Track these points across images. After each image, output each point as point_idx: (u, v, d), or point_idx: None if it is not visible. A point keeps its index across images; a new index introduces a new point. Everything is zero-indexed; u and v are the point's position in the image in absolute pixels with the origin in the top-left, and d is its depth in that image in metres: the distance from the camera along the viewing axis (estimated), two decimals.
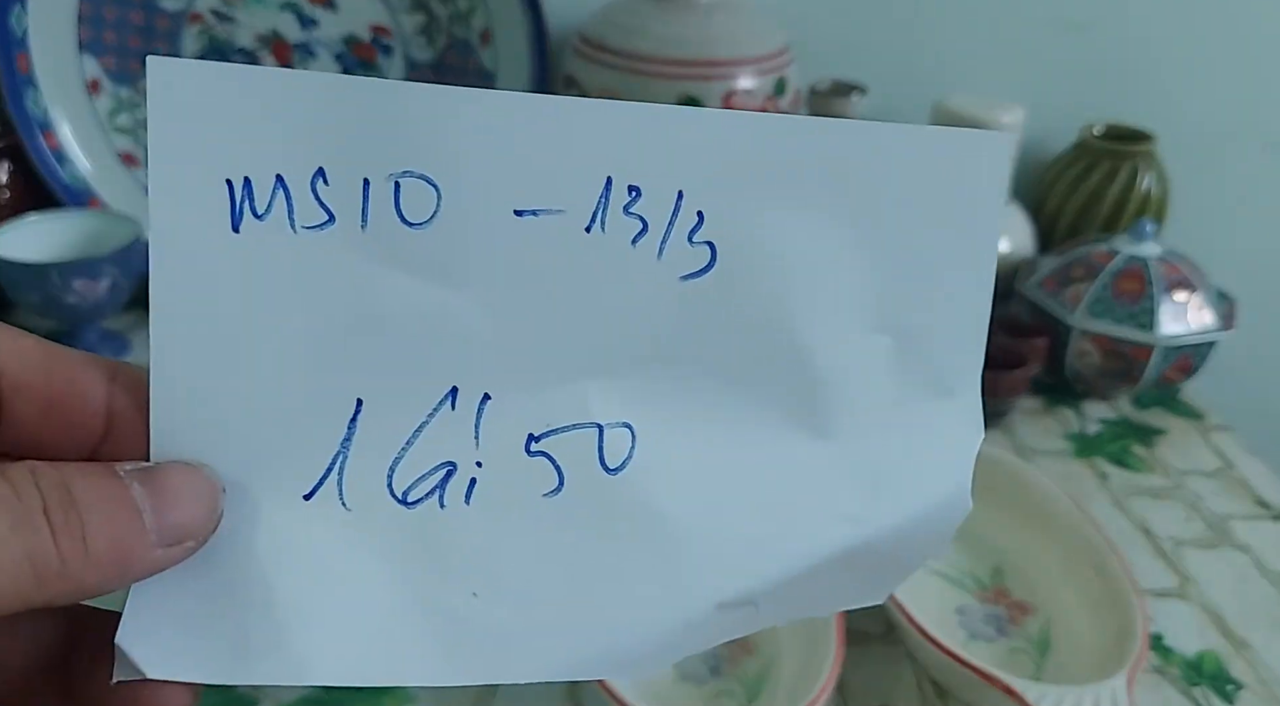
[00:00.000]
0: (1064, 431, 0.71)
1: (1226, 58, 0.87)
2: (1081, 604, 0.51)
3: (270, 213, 0.17)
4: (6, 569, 0.14)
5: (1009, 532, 0.56)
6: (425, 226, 0.17)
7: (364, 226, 0.17)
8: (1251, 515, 0.63)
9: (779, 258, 0.18)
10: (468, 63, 0.78)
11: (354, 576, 0.17)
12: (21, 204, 0.73)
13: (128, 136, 0.78)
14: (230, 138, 0.16)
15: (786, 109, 0.71)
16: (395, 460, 0.18)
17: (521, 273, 0.18)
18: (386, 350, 0.17)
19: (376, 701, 0.46)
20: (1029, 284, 0.74)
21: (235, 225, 0.17)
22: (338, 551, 0.17)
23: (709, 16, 0.70)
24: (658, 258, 0.18)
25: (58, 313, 0.68)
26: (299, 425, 0.17)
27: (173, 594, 0.17)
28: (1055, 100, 0.85)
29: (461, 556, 0.18)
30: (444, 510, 0.18)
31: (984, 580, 0.55)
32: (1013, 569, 0.55)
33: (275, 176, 0.17)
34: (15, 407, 0.16)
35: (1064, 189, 0.83)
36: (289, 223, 0.17)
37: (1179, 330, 0.68)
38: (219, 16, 0.75)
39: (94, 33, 0.75)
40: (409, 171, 0.17)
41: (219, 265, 0.17)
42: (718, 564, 0.18)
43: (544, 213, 0.18)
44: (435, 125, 0.17)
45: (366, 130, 0.17)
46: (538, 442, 0.18)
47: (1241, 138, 0.90)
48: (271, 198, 0.17)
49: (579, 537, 0.18)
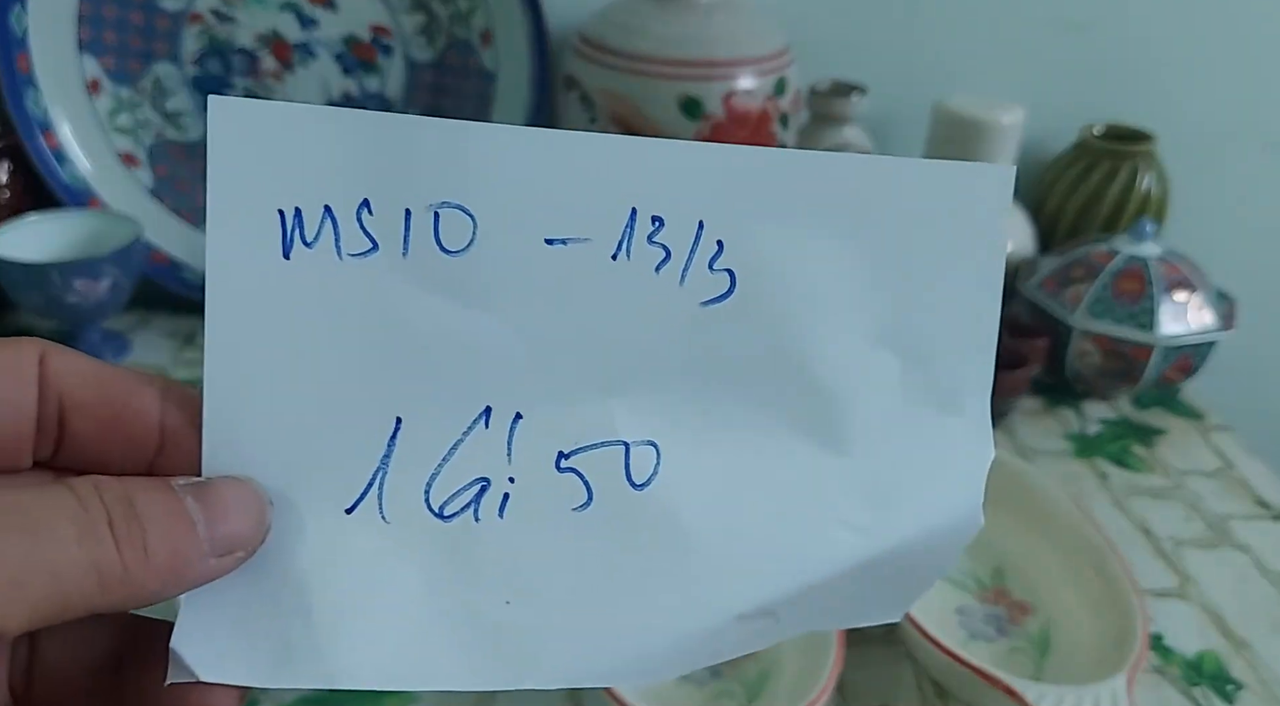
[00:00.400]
0: (1064, 431, 0.71)
1: (1226, 58, 0.87)
2: (1082, 604, 0.51)
3: (319, 241, 0.18)
4: (74, 577, 0.15)
5: (1010, 533, 0.56)
6: (462, 254, 0.18)
7: (405, 254, 0.18)
8: (1251, 515, 0.63)
9: (794, 284, 0.19)
10: (468, 63, 0.78)
11: (391, 585, 0.18)
12: (22, 204, 0.73)
13: (128, 136, 0.78)
14: (282, 171, 0.17)
15: (786, 109, 0.71)
16: (432, 476, 0.19)
17: (552, 298, 0.19)
18: (425, 371, 0.18)
19: (377, 701, 0.46)
20: (1029, 284, 0.74)
21: (286, 252, 0.18)
22: (377, 562, 0.18)
23: (709, 17, 0.69)
24: (680, 284, 0.19)
25: (58, 313, 0.68)
26: (342, 442, 0.18)
27: (223, 601, 0.17)
28: (1055, 100, 0.85)
29: (495, 567, 0.19)
30: (479, 523, 0.19)
31: (984, 580, 0.55)
32: (1013, 569, 0.55)
33: (324, 207, 0.18)
34: (75, 425, 0.17)
35: (1064, 189, 0.83)
36: (336, 250, 0.18)
37: (1179, 330, 0.68)
38: (219, 16, 0.75)
39: (94, 32, 0.75)
40: (447, 202, 0.18)
41: (270, 290, 0.18)
42: (738, 576, 0.19)
43: (573, 241, 0.19)
44: (472, 159, 0.18)
45: (408, 164, 0.18)
46: (567, 460, 0.19)
47: (1242, 138, 0.90)
48: (320, 227, 0.18)
49: (606, 550, 0.19)
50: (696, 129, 0.68)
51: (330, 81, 0.78)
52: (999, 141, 0.76)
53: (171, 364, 0.72)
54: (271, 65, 0.77)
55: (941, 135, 0.78)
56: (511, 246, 0.18)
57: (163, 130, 0.78)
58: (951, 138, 0.77)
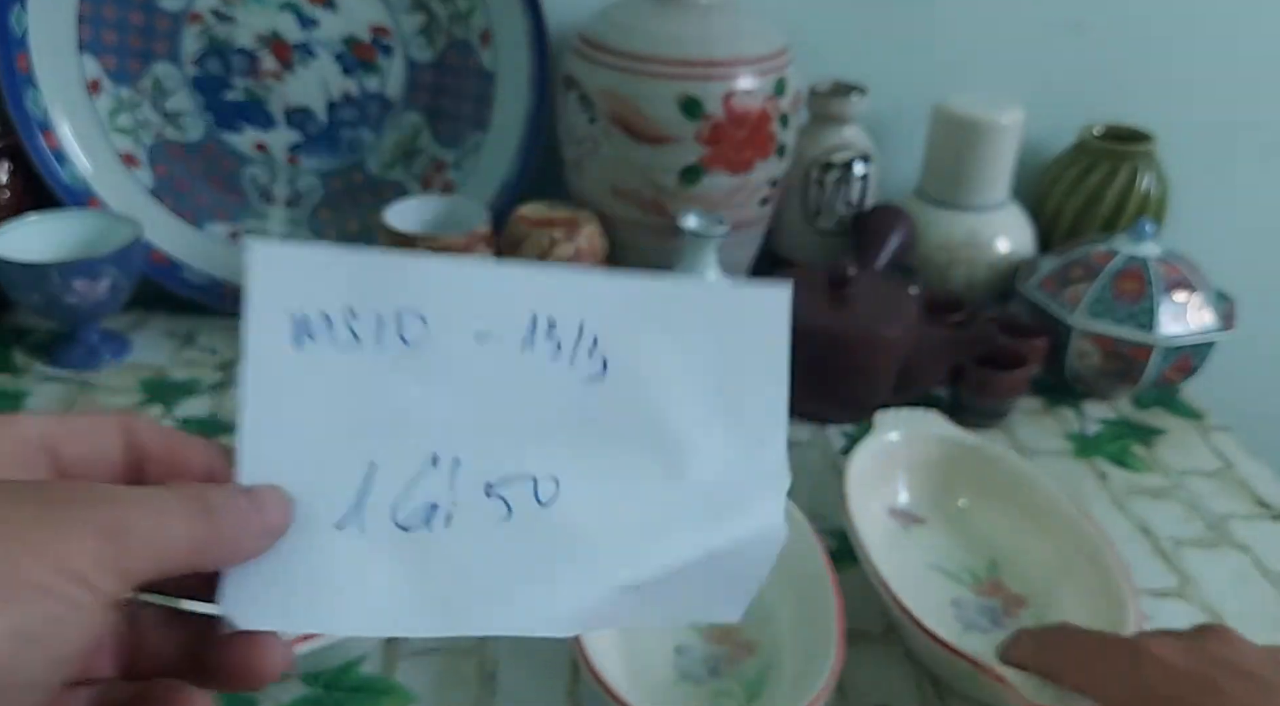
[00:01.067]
0: (1064, 431, 0.71)
1: (1226, 58, 0.87)
2: (1076, 597, 0.51)
3: (318, 337, 0.26)
4: (179, 545, 0.24)
5: (1005, 527, 0.56)
6: (418, 346, 0.27)
7: (378, 345, 0.27)
8: (1251, 515, 0.63)
9: (647, 368, 0.29)
10: (468, 62, 0.78)
11: (369, 572, 0.26)
12: (21, 204, 0.73)
13: (127, 136, 0.78)
14: (296, 289, 0.26)
15: (786, 109, 0.71)
16: (396, 501, 0.27)
17: (481, 377, 0.27)
18: (391, 428, 0.27)
19: (375, 701, 0.46)
20: (1029, 284, 0.74)
21: (296, 344, 0.26)
22: (358, 558, 0.26)
23: (709, 17, 0.70)
24: (569, 367, 0.28)
25: (58, 312, 0.68)
26: (333, 478, 0.26)
27: (254, 575, 0.25)
28: (1055, 100, 0.85)
29: (442, 560, 0.27)
30: (430, 533, 0.27)
31: (979, 573, 0.55)
32: (1008, 563, 0.55)
33: (323, 314, 0.26)
34: (149, 472, 0.27)
35: (1064, 189, 0.83)
36: (330, 343, 0.26)
37: (1178, 330, 0.69)
38: (219, 16, 0.75)
39: (94, 32, 0.75)
40: (408, 310, 0.27)
41: (284, 369, 0.26)
42: (616, 560, 0.28)
43: (493, 337, 0.28)
44: (426, 281, 0.27)
45: (382, 284, 0.27)
46: (494, 488, 0.27)
47: (1241, 138, 0.90)
48: (320, 327, 0.26)
49: (524, 547, 0.27)
50: (697, 129, 0.68)
51: (330, 81, 0.78)
52: (999, 141, 0.76)
53: (170, 362, 0.72)
54: (271, 65, 0.77)
55: (941, 135, 0.78)
56: (453, 341, 0.27)
57: (162, 130, 0.78)
58: (951, 138, 0.77)
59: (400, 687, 0.47)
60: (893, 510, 0.59)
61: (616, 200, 0.72)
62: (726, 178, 0.71)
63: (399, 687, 0.47)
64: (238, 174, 0.80)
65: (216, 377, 0.71)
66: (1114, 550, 0.52)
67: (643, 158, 0.70)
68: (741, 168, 0.71)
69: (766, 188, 0.74)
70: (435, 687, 0.47)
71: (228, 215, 0.80)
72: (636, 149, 0.69)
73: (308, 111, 0.79)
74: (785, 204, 0.80)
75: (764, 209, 0.75)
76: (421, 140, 0.80)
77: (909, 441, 0.59)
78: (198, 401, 0.68)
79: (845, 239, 0.81)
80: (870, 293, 0.69)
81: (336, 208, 0.81)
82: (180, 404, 0.68)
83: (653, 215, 0.72)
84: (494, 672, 0.48)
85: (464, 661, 0.49)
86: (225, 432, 0.65)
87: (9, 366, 0.71)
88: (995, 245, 0.78)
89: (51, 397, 0.68)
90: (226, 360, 0.73)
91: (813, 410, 0.69)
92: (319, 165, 0.80)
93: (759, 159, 0.71)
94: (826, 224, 0.81)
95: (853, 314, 0.67)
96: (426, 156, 0.81)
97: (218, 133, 0.79)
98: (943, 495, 0.59)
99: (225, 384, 0.70)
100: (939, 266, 0.78)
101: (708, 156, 0.69)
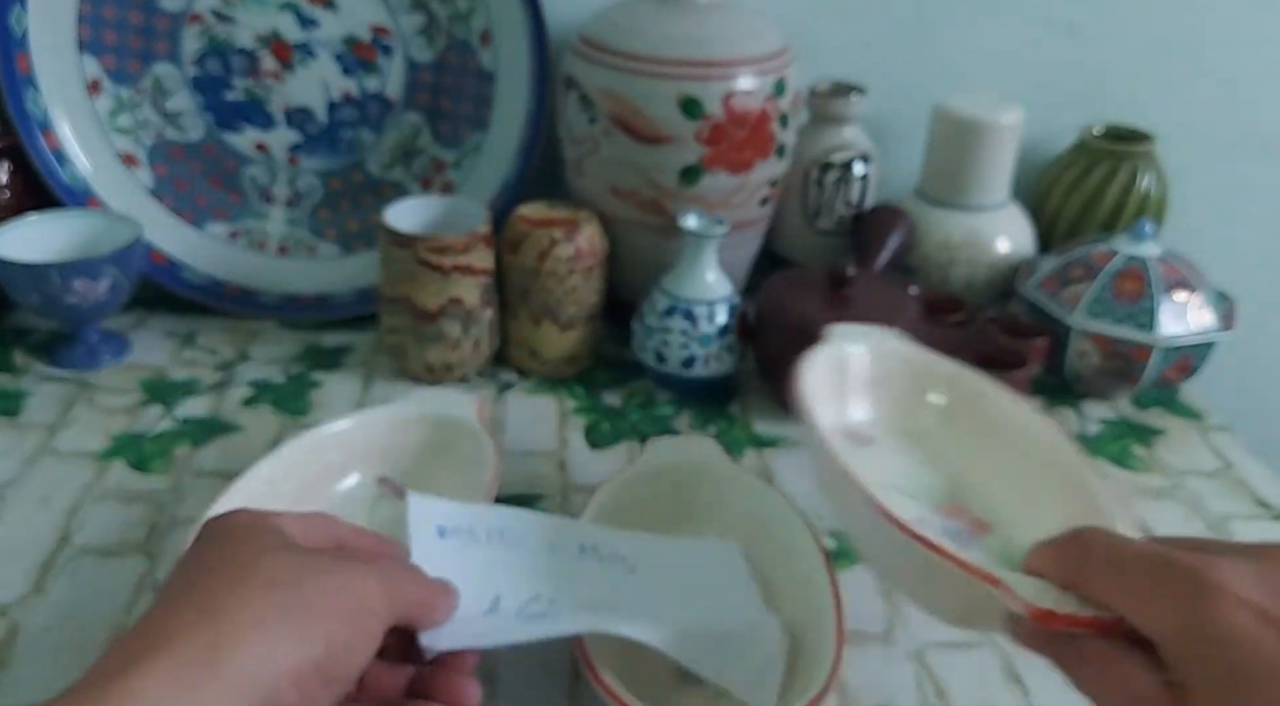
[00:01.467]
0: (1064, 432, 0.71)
1: (1225, 58, 0.87)
2: (1054, 520, 0.43)
3: (450, 535, 0.44)
4: (414, 601, 0.37)
5: (969, 449, 0.52)
6: (510, 543, 0.46)
7: (487, 541, 0.45)
8: (1251, 515, 0.63)
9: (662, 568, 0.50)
10: (468, 63, 0.78)
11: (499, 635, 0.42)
12: (21, 204, 0.74)
13: (128, 137, 0.78)
14: (435, 515, 0.44)
15: (786, 109, 0.71)
16: (518, 609, 0.42)
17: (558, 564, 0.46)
18: (508, 576, 0.44)
19: None
20: (1029, 284, 0.74)
21: (441, 536, 0.44)
22: (495, 626, 0.41)
23: (709, 17, 0.70)
24: (610, 565, 0.48)
25: (58, 312, 0.68)
26: (475, 599, 0.41)
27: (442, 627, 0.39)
28: (1055, 101, 0.85)
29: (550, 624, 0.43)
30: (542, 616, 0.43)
31: (938, 494, 0.50)
32: (971, 486, 0.50)
33: (451, 526, 0.44)
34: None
35: (1064, 189, 0.83)
36: (457, 538, 0.44)
37: (1178, 330, 0.69)
38: (219, 17, 0.76)
39: (94, 32, 0.75)
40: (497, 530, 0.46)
41: (436, 549, 0.42)
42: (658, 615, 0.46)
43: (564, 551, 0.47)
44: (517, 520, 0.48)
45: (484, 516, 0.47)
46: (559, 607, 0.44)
47: (1241, 138, 0.90)
48: (454, 531, 0.44)
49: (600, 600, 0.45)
50: (696, 129, 0.68)
51: (330, 82, 0.78)
52: (999, 141, 0.76)
53: (170, 362, 0.72)
54: (271, 65, 0.77)
55: (941, 135, 0.78)
56: (538, 549, 0.47)
57: (162, 130, 0.78)
58: (951, 138, 0.77)
59: None
60: (847, 428, 0.53)
61: (616, 200, 0.72)
62: (726, 178, 0.71)
63: None
64: (238, 174, 0.80)
65: (216, 378, 0.71)
66: (1096, 470, 0.47)
67: (643, 158, 0.70)
68: (741, 168, 0.71)
69: (766, 188, 0.74)
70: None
71: (228, 215, 0.80)
72: (636, 149, 0.69)
73: (308, 111, 0.79)
74: (785, 204, 0.80)
75: (764, 209, 0.75)
76: (421, 140, 0.80)
77: (867, 356, 0.54)
78: (197, 401, 0.68)
79: (845, 239, 0.81)
80: (870, 293, 0.69)
81: (336, 208, 0.81)
82: (180, 404, 0.68)
83: (653, 215, 0.72)
84: (495, 672, 0.48)
85: None
86: (223, 432, 0.65)
87: (9, 366, 0.71)
88: (995, 245, 0.78)
89: (51, 398, 0.68)
90: (226, 360, 0.73)
91: None
92: (319, 165, 0.80)
93: (759, 159, 0.71)
94: (826, 224, 0.81)
95: (852, 314, 0.67)
96: (426, 156, 0.81)
97: (218, 133, 0.79)
98: (901, 414, 0.54)
99: (225, 384, 0.70)
100: (939, 266, 0.78)
101: (708, 156, 0.69)
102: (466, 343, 0.70)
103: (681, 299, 0.68)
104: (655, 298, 0.69)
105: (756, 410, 0.71)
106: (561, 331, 0.71)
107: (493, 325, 0.72)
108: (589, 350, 0.74)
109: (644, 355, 0.70)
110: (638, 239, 0.74)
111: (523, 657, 0.49)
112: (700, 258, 0.68)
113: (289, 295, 0.79)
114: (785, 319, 0.67)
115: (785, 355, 0.67)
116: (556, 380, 0.73)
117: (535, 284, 0.69)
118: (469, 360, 0.71)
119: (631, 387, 0.73)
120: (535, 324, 0.71)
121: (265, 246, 0.81)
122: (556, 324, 0.71)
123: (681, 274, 0.68)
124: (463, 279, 0.67)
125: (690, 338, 0.68)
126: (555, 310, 0.70)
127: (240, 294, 0.79)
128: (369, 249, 0.80)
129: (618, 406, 0.70)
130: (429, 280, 0.67)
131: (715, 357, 0.69)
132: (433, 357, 0.69)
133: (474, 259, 0.67)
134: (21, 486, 0.59)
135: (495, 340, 0.72)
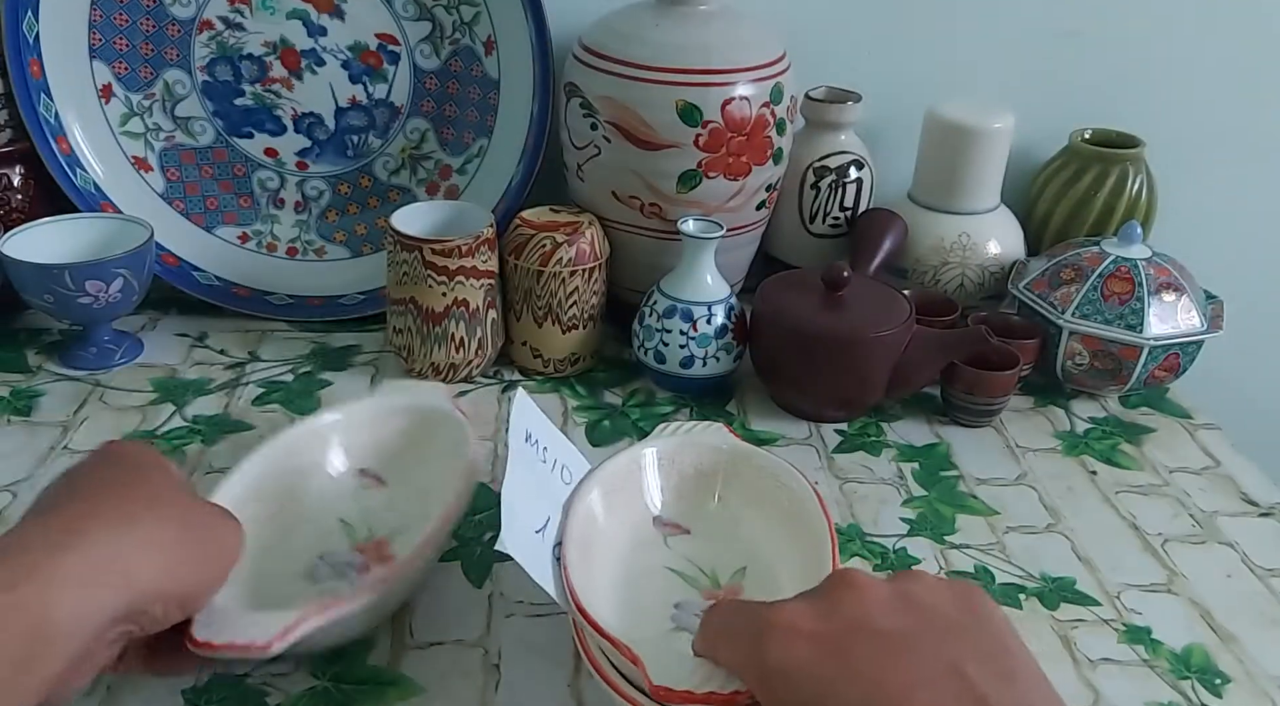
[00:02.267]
0: (1054, 430, 0.72)
1: (1214, 64, 0.88)
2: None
3: (532, 445, 0.49)
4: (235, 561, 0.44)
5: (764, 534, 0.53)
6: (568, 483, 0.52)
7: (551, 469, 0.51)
8: (1238, 512, 0.65)
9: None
10: (472, 70, 0.79)
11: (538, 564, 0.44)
12: (35, 208, 0.75)
13: (139, 141, 0.79)
14: (530, 421, 0.50)
15: (783, 115, 0.73)
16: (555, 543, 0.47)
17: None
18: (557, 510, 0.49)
19: (382, 693, 0.47)
20: (1020, 285, 0.76)
21: (526, 441, 0.48)
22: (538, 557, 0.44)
23: (707, 25, 0.71)
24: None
25: (71, 313, 0.69)
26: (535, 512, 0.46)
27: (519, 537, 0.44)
28: (1045, 106, 0.87)
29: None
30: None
31: (722, 579, 0.52)
32: (762, 569, 0.52)
33: (536, 436, 0.50)
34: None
35: (1054, 193, 0.84)
36: (535, 451, 0.49)
37: (1167, 331, 0.70)
38: (228, 24, 0.77)
39: (105, 39, 0.76)
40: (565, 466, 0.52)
41: (520, 449, 0.47)
42: None
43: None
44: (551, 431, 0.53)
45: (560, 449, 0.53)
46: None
47: (1228, 142, 0.91)
48: (535, 443, 0.49)
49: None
50: (695, 134, 0.69)
51: (338, 88, 0.79)
52: (990, 146, 0.78)
53: (181, 362, 0.74)
54: (280, 72, 0.78)
55: (934, 141, 0.80)
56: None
57: (173, 135, 0.80)
58: (943, 143, 0.79)
59: (407, 679, 0.48)
60: (657, 519, 0.55)
61: (617, 204, 0.74)
62: (724, 182, 0.72)
63: (405, 679, 0.48)
64: (248, 178, 0.81)
65: (227, 377, 0.72)
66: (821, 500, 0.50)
67: (643, 163, 0.71)
68: (739, 173, 0.72)
69: (763, 192, 0.75)
70: (441, 679, 0.48)
71: (238, 219, 0.82)
72: (637, 154, 0.71)
73: (316, 117, 0.80)
74: (782, 208, 0.81)
75: (761, 213, 0.77)
76: (427, 146, 0.82)
77: (678, 450, 0.56)
78: (208, 401, 0.69)
79: (840, 242, 0.83)
80: (864, 295, 0.70)
81: (344, 212, 0.83)
82: (191, 403, 0.69)
83: (652, 219, 0.73)
84: (498, 664, 0.49)
85: (469, 653, 0.50)
86: (233, 431, 0.66)
87: (23, 367, 0.72)
88: (987, 248, 0.79)
89: (64, 398, 0.69)
90: (236, 360, 0.75)
91: (807, 409, 0.71)
92: (327, 170, 0.82)
93: (756, 164, 0.73)
94: (822, 227, 0.83)
95: (847, 315, 0.68)
96: (432, 162, 0.82)
97: (228, 138, 0.80)
98: (709, 503, 0.55)
99: (235, 383, 0.72)
100: (931, 269, 0.80)
101: (706, 162, 0.71)
102: (471, 343, 0.71)
103: (680, 300, 0.69)
104: (655, 299, 0.71)
105: (753, 409, 0.72)
106: (563, 332, 0.72)
107: (496, 326, 0.73)
108: (590, 350, 0.75)
109: (644, 355, 0.72)
110: (638, 242, 0.75)
111: (526, 649, 0.50)
112: (699, 260, 0.69)
113: (298, 296, 0.81)
114: (782, 320, 0.68)
115: (782, 355, 0.69)
116: (559, 379, 0.74)
117: (538, 286, 0.71)
118: (473, 360, 0.72)
119: (631, 387, 0.74)
120: (538, 324, 0.72)
121: (275, 249, 0.82)
122: (559, 325, 0.72)
123: (680, 276, 0.70)
124: (467, 281, 0.69)
125: (689, 338, 0.69)
126: (557, 311, 0.72)
127: (250, 295, 0.80)
128: (376, 252, 0.82)
129: (618, 405, 0.72)
130: (435, 282, 0.68)
131: (713, 358, 0.70)
132: (438, 357, 0.71)
133: (478, 261, 0.69)
134: (35, 485, 0.60)
135: (499, 340, 0.74)
